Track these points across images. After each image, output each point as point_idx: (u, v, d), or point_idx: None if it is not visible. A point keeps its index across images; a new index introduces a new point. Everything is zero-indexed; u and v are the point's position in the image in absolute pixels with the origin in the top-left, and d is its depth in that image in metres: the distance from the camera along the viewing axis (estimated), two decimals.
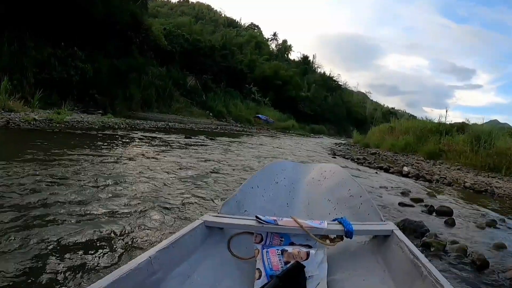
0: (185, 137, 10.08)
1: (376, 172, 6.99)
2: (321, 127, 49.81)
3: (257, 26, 77.88)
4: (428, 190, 5.59)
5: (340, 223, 1.36)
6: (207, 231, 1.37)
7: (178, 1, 77.09)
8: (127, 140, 7.54)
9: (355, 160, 9.55)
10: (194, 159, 5.77)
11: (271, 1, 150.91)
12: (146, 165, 4.61)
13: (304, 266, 1.19)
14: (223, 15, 78.40)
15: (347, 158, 10.01)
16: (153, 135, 9.85)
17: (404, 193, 4.89)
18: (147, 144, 7.27)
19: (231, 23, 74.87)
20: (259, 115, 32.24)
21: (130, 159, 5.02)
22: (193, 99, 28.82)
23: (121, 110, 18.79)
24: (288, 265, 1.19)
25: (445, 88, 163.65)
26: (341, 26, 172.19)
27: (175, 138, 9.71)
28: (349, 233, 1.31)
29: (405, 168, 7.70)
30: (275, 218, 1.36)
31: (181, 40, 31.23)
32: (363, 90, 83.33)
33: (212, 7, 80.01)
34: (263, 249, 1.31)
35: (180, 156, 6.01)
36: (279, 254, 1.25)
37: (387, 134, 15.18)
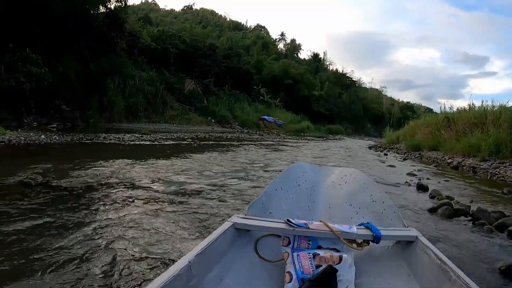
0: None
1: None
2: (338, 127, 45.95)
3: (264, 27, 74.94)
4: None
5: (368, 228, 1.34)
6: (236, 233, 1.37)
7: (181, 9, 75.51)
8: None
9: None
10: None
11: (276, 1, 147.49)
12: None
13: (337, 270, 1.17)
14: (228, 19, 76.38)
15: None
16: None
17: None
18: None
19: (237, 26, 72.70)
20: (265, 117, 28.18)
21: None
22: (192, 104, 25.41)
23: (98, 122, 15.55)
24: (320, 269, 1.19)
25: (459, 78, 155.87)
26: (350, 24, 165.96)
27: None
28: (377, 238, 1.30)
29: None
30: (305, 221, 1.35)
31: (176, 40, 28.04)
32: (377, 87, 77.81)
33: (216, 12, 78.36)
34: (293, 252, 1.28)
35: None
36: (310, 258, 1.23)
37: (443, 129, 10.76)
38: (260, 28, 73.76)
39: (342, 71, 64.92)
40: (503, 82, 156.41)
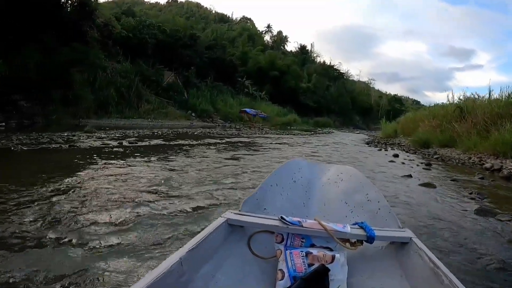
0: None
1: None
2: (326, 120, 45.05)
3: (250, 19, 73.64)
4: None
5: (361, 227, 1.32)
6: (229, 229, 1.35)
7: (166, 2, 73.66)
8: None
9: None
10: None
11: None
12: None
13: (329, 270, 1.15)
14: (213, 11, 74.91)
15: None
16: None
17: None
18: None
19: (222, 19, 71.39)
20: (247, 109, 26.70)
21: None
22: (172, 98, 24.21)
23: (61, 118, 14.33)
24: (313, 268, 1.17)
25: (445, 71, 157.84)
26: (337, 16, 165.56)
27: None
28: (370, 239, 1.28)
29: None
30: (299, 219, 1.32)
31: (154, 30, 26.66)
32: (364, 79, 77.16)
33: (202, 4, 76.90)
34: (286, 250, 1.27)
35: None
36: (303, 256, 1.22)
37: (455, 121, 9.49)
38: (246, 20, 72.44)
39: (330, 63, 64.04)
40: (490, 74, 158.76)
